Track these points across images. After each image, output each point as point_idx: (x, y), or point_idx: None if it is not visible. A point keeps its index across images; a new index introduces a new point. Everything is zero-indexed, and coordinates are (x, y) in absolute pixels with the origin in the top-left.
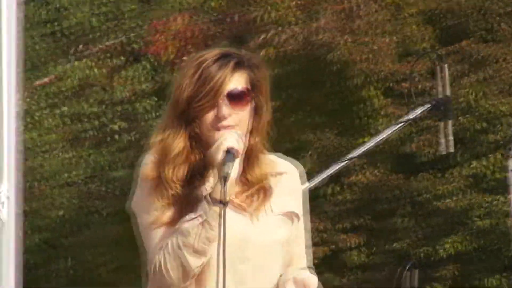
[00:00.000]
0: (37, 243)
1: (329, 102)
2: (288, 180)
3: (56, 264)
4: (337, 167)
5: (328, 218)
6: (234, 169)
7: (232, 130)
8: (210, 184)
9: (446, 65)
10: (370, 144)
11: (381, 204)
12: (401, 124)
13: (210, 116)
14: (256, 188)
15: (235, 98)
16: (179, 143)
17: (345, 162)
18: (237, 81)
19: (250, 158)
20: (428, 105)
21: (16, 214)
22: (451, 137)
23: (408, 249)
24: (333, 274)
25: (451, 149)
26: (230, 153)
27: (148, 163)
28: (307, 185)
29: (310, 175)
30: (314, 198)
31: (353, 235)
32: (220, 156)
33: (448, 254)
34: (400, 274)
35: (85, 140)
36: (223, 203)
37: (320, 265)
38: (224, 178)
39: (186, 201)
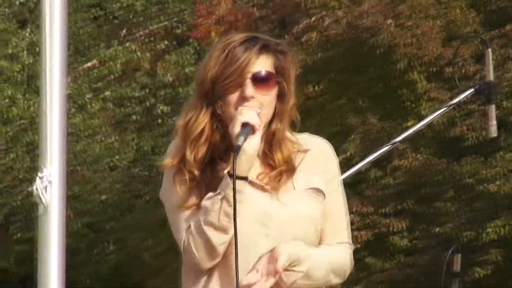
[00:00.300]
0: (79, 227)
1: (372, 87)
2: (314, 156)
3: (98, 248)
4: (380, 152)
5: (371, 203)
6: (252, 143)
7: (251, 107)
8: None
9: (489, 50)
10: (414, 128)
11: (424, 188)
12: (444, 109)
13: (234, 96)
14: (280, 170)
15: (260, 80)
16: (201, 123)
17: (389, 146)
18: (262, 64)
19: (272, 142)
20: (471, 90)
21: (59, 199)
22: (494, 122)
23: (451, 234)
24: (375, 259)
25: (495, 134)
26: (246, 127)
27: (169, 152)
28: (337, 161)
29: (353, 160)
30: (357, 182)
31: (396, 219)
32: (236, 130)
33: (491, 239)
34: (443, 258)
35: (128, 125)
36: (233, 176)
37: (363, 250)
38: (235, 150)
39: (208, 183)
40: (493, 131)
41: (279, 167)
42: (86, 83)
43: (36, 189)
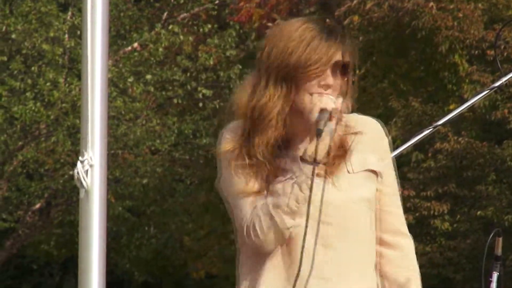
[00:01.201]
0: (120, 211)
1: (414, 70)
2: (366, 137)
3: (139, 232)
4: (422, 135)
5: (412, 186)
6: (329, 130)
7: (328, 95)
8: (303, 145)
9: None
10: (455, 112)
11: (466, 172)
12: (486, 92)
13: (313, 83)
14: (333, 156)
15: (341, 69)
16: (274, 107)
17: (430, 130)
18: (344, 53)
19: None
20: None
21: (100, 182)
22: None
23: (492, 217)
24: (416, 242)
25: None
26: (324, 113)
27: (227, 136)
28: (388, 139)
29: (394, 143)
30: (399, 166)
31: (437, 203)
32: (314, 116)
33: None
34: (484, 242)
35: (170, 108)
36: (315, 161)
37: None
38: (317, 135)
39: (273, 168)
40: None
41: (331, 153)
42: (128, 67)
43: (77, 173)
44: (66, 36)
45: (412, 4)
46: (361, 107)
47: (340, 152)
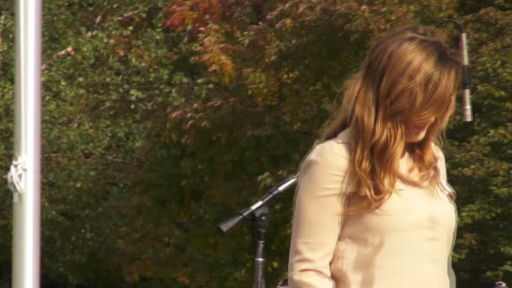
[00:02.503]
0: (54, 215)
1: (347, 72)
2: (442, 163)
3: (74, 236)
4: None
5: None
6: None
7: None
8: (402, 162)
9: (464, 34)
10: None
11: None
12: None
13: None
14: (432, 170)
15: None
16: (398, 146)
17: None
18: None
19: (427, 141)
20: None
21: (34, 186)
22: (468, 106)
23: None
24: None
25: (469, 119)
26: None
27: (343, 150)
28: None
29: None
30: None
31: None
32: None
33: (465, 223)
34: None
35: (103, 111)
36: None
37: None
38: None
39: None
40: (468, 116)
41: (429, 167)
42: (61, 70)
43: (11, 177)
44: None
45: (345, 8)
46: (294, 110)
47: (435, 171)
